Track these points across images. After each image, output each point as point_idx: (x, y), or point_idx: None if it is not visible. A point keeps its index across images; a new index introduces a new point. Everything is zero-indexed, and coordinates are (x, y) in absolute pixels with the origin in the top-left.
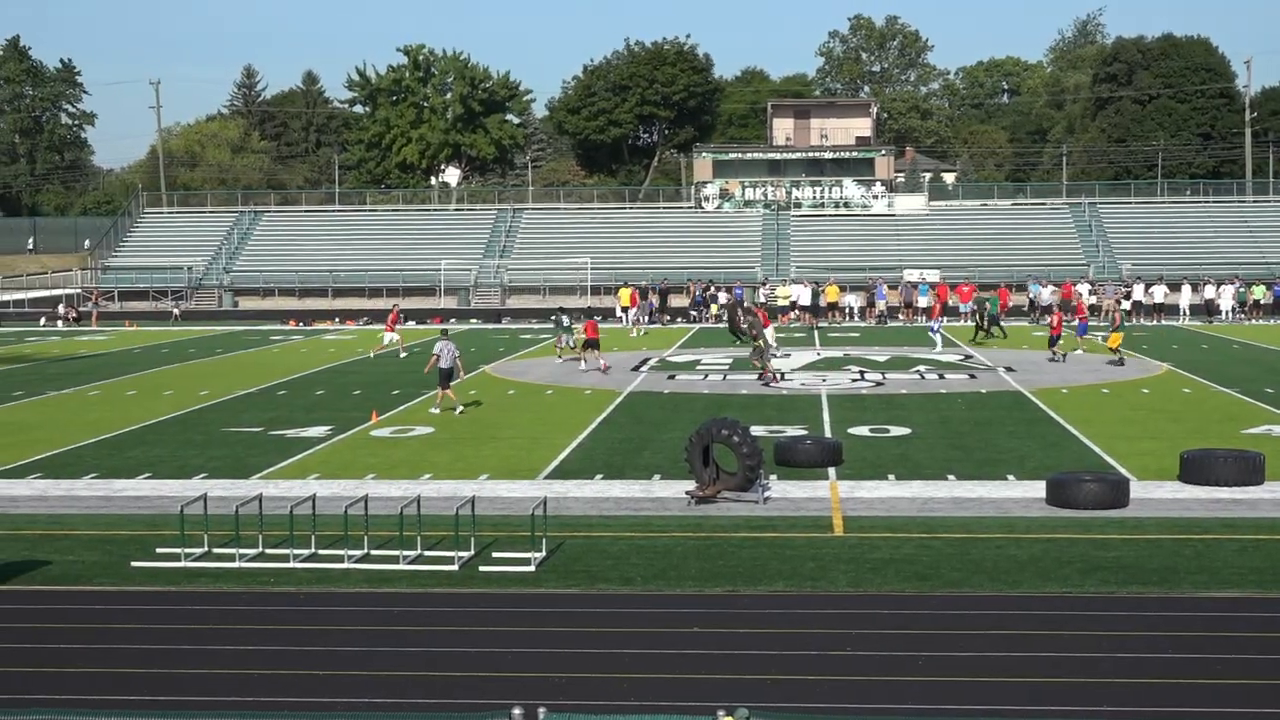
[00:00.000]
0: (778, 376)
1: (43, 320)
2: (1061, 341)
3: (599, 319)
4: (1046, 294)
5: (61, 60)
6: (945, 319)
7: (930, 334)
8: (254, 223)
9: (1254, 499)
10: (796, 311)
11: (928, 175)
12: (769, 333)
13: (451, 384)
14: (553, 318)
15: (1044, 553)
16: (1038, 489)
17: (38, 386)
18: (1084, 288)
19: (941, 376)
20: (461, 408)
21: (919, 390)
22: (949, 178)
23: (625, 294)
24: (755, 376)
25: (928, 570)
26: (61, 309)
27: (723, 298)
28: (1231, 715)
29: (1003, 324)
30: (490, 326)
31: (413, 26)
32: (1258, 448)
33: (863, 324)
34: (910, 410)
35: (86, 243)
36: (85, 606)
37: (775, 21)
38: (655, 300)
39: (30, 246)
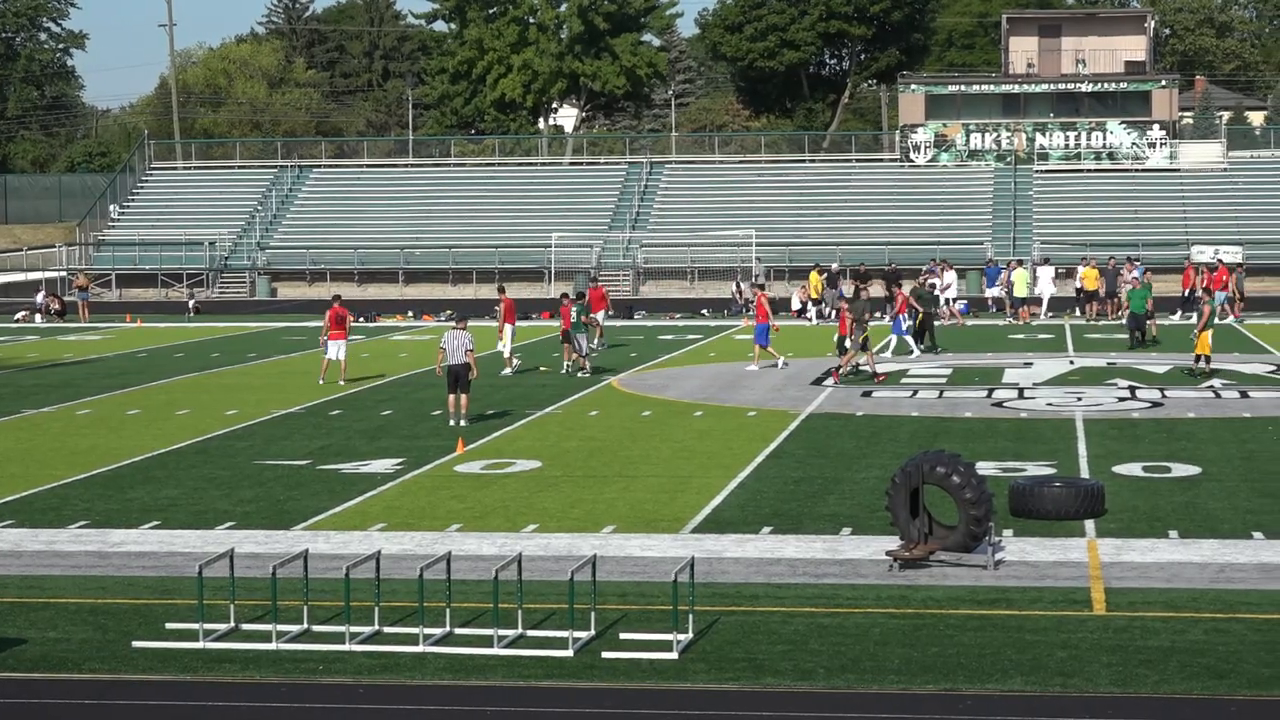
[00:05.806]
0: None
1: (18, 315)
2: None
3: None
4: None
5: None
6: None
7: None
8: (298, 182)
9: None
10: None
11: (1225, 115)
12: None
13: (468, 388)
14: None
15: None
16: None
17: (8, 404)
18: None
19: (1244, 395)
20: (463, 422)
21: (1212, 413)
22: (1256, 118)
23: (816, 280)
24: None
25: (1224, 664)
26: (40, 299)
27: (949, 279)
28: None
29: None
30: (620, 324)
31: None
32: None
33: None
34: (1200, 441)
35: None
36: (71, 701)
37: None
38: (848, 289)
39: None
